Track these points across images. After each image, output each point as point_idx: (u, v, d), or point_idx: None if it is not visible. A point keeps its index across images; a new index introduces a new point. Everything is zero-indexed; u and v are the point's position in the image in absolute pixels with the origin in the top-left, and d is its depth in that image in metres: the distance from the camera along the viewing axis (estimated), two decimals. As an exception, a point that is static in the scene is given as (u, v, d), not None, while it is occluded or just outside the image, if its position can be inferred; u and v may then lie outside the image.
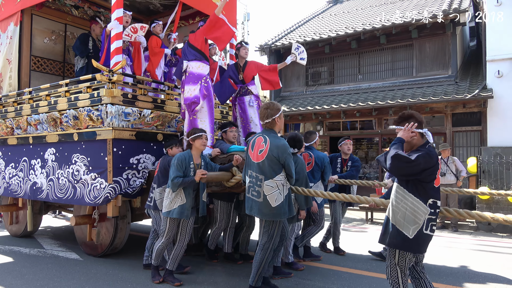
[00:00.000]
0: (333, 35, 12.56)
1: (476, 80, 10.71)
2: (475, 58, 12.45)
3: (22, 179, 5.89)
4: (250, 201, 3.77)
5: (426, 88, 11.14)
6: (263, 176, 3.67)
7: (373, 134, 12.14)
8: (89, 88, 5.06)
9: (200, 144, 4.25)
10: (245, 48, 5.67)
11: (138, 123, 5.04)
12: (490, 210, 8.45)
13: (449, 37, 11.19)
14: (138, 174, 5.07)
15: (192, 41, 5.05)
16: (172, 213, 4.14)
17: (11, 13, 6.24)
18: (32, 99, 5.78)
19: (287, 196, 3.72)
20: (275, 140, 3.70)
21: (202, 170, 4.13)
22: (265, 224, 3.81)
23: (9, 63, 6.21)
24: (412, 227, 2.73)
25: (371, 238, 7.12)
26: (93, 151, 5.03)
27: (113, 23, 5.02)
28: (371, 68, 12.72)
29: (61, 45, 7.13)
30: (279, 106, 3.84)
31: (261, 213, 3.69)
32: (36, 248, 5.93)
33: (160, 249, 4.31)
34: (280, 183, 3.67)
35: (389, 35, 12.00)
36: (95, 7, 7.17)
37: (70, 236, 6.87)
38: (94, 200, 4.90)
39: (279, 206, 3.65)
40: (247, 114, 5.66)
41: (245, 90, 5.70)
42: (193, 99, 4.84)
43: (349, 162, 5.50)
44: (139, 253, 5.52)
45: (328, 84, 13.55)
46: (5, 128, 6.13)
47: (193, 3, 5.90)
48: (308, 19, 16.75)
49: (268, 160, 3.65)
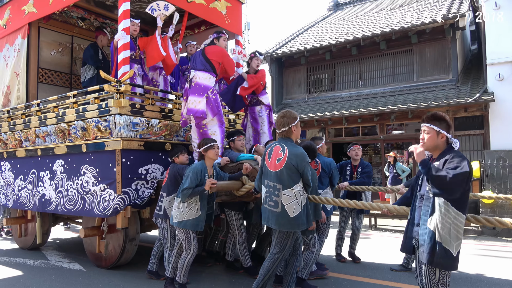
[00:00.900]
0: (333, 42, 12.46)
1: (478, 83, 10.55)
2: (476, 62, 12.30)
3: (31, 192, 5.73)
4: (267, 211, 3.60)
5: (427, 93, 10.99)
6: (281, 185, 3.51)
7: (375, 140, 11.97)
8: (97, 99, 4.92)
9: (213, 154, 4.09)
10: (258, 58, 5.52)
11: (146, 133, 4.89)
12: (494, 214, 8.26)
13: (449, 41, 11.06)
14: (146, 184, 4.91)
15: (208, 53, 4.88)
16: (186, 225, 3.96)
17: (19, 26, 6.13)
18: (40, 111, 5.64)
19: (305, 206, 3.56)
20: (293, 149, 3.56)
21: (212, 180, 3.98)
22: (278, 234, 3.63)
23: (17, 75, 6.08)
24: (455, 243, 2.50)
25: (376, 244, 6.90)
26: (101, 162, 4.87)
27: (120, 33, 4.90)
28: (372, 74, 12.59)
29: (68, 57, 7.00)
30: (296, 115, 3.70)
31: (278, 224, 3.52)
32: (41, 259, 5.82)
33: (187, 263, 4.04)
34: (298, 192, 3.51)
35: (389, 41, 11.90)
36: (101, 19, 7.06)
37: (74, 247, 6.77)
38: (103, 211, 4.74)
39: (297, 216, 3.49)
40: (258, 124, 5.55)
41: (256, 101, 5.58)
42: (198, 113, 4.67)
43: (359, 168, 5.32)
44: (142, 263, 5.37)
45: (330, 90, 13.42)
46: (14, 140, 5.99)
47: (199, 13, 5.77)
48: (309, 27, 16.68)
49: (286, 169, 3.50)
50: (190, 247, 4.02)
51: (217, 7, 5.99)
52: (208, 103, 4.75)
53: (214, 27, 6.57)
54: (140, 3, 6.43)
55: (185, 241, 4.04)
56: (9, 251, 6.51)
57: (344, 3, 18.74)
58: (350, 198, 5.18)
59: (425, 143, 2.75)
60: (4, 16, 6.51)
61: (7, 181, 6.27)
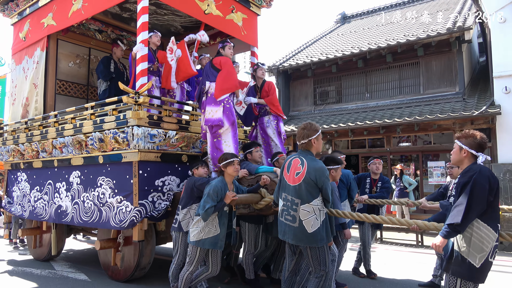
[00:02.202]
0: (340, 55, 12.25)
1: (484, 96, 10.27)
2: (484, 74, 11.97)
3: (47, 203, 5.52)
4: (283, 225, 3.36)
5: (433, 105, 10.70)
6: (300, 200, 3.27)
7: (382, 152, 11.65)
8: (114, 110, 4.74)
9: (232, 170, 3.83)
10: (261, 68, 5.36)
11: (163, 144, 4.68)
12: (503, 228, 7.93)
13: (455, 54, 10.80)
14: (163, 196, 4.68)
15: (216, 64, 4.72)
16: (204, 244, 3.71)
17: (38, 39, 6.01)
18: (58, 122, 5.46)
19: (324, 221, 3.30)
20: (312, 163, 3.31)
21: (233, 193, 3.75)
22: (311, 251, 3.32)
23: (36, 87, 5.93)
24: (479, 255, 2.40)
25: (381, 258, 6.55)
26: (118, 173, 4.67)
27: (138, 45, 4.73)
28: (378, 87, 12.33)
29: (85, 69, 6.86)
30: (317, 127, 3.45)
31: (296, 239, 3.27)
32: (47, 269, 5.69)
33: (187, 277, 3.84)
34: (317, 207, 3.26)
35: (395, 54, 11.67)
36: (118, 31, 6.92)
37: (80, 257, 6.62)
38: (119, 223, 4.51)
39: (316, 232, 3.23)
40: (267, 134, 5.30)
41: (264, 111, 5.35)
42: (216, 121, 4.47)
43: (379, 183, 5.03)
44: (156, 276, 5.13)
45: (336, 103, 13.17)
46: (31, 151, 5.80)
47: (216, 24, 5.62)
48: (316, 40, 16.48)
49: (305, 183, 3.26)
50: (191, 266, 3.81)
51: (233, 18, 5.83)
52: (224, 111, 4.55)
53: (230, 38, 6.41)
54: (157, 15, 6.29)
55: (191, 258, 3.81)
56: (17, 261, 6.35)
57: (352, 16, 18.50)
58: (369, 212, 4.92)
59: (451, 157, 2.79)
60: (24, 29, 6.39)
61: (23, 191, 6.07)
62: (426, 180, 10.52)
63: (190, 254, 3.82)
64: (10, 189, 6.44)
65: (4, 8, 6.70)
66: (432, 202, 4.34)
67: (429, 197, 4.47)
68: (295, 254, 3.63)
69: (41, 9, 6.05)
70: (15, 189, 6.28)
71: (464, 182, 2.48)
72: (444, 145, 10.37)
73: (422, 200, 4.41)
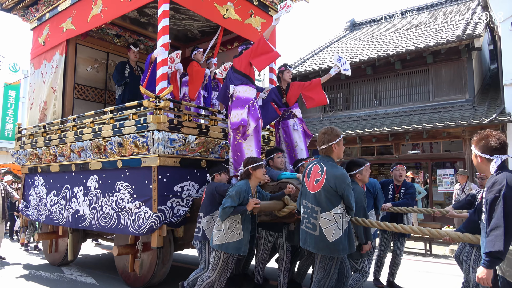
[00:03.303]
0: (348, 62, 12.02)
1: (495, 104, 9.97)
2: (495, 81, 11.66)
3: (64, 207, 5.33)
4: (304, 233, 3.15)
5: (443, 113, 10.39)
6: (319, 208, 3.04)
7: (390, 160, 11.29)
8: (134, 114, 4.56)
9: (261, 174, 3.61)
10: (289, 71, 5.10)
11: (182, 149, 4.49)
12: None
13: (465, 61, 10.52)
14: (182, 202, 4.48)
15: (236, 66, 4.54)
16: (227, 248, 3.48)
17: (57, 43, 5.87)
18: (76, 126, 5.29)
19: (346, 230, 3.05)
20: (332, 169, 3.08)
21: (255, 199, 3.52)
22: (321, 259, 3.12)
23: (54, 91, 5.78)
24: None
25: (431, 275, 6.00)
26: (137, 178, 4.48)
27: (159, 49, 4.55)
28: (387, 94, 12.08)
29: (103, 73, 6.70)
30: (339, 132, 3.23)
31: (316, 248, 3.04)
32: (56, 272, 5.61)
33: (207, 284, 3.60)
34: (338, 216, 3.02)
35: (404, 61, 11.40)
36: (135, 36, 6.78)
37: (89, 261, 6.50)
38: (138, 229, 4.30)
39: (337, 242, 2.99)
40: (292, 138, 5.01)
41: (289, 113, 5.08)
42: (240, 122, 4.28)
43: (402, 189, 4.77)
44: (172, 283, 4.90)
45: (345, 110, 12.93)
46: (49, 155, 5.62)
47: (235, 28, 5.44)
48: (325, 46, 16.25)
49: (324, 191, 3.03)
50: (214, 273, 3.56)
51: (252, 23, 5.66)
52: (249, 112, 4.34)
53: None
54: (174, 20, 6.13)
55: (214, 264, 3.57)
56: (32, 266, 6.21)
57: (361, 23, 18.24)
58: (392, 220, 4.67)
59: None
60: (43, 33, 6.26)
61: (39, 195, 5.89)
62: (435, 188, 10.22)
63: (214, 260, 3.58)
64: (26, 193, 6.27)
65: (24, 13, 6.59)
66: (460, 210, 4.09)
67: (455, 205, 4.22)
68: None
69: (61, 13, 5.92)
70: (32, 193, 6.10)
71: (493, 199, 2.18)
72: (453, 153, 10.08)
73: (448, 208, 4.16)
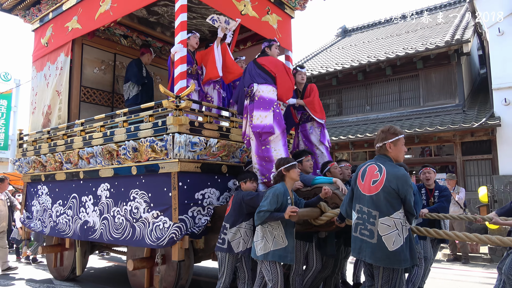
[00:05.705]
0: (339, 68, 11.83)
1: (484, 108, 9.83)
2: (485, 86, 11.60)
3: (71, 218, 4.83)
4: (359, 241, 2.73)
5: (433, 118, 10.24)
6: (378, 212, 2.64)
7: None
8: (151, 116, 4.11)
9: (295, 174, 3.26)
10: (301, 73, 4.74)
11: (203, 153, 4.04)
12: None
13: (455, 66, 10.41)
14: (203, 211, 4.02)
15: (264, 63, 4.12)
16: (274, 255, 3.11)
17: (61, 44, 5.39)
18: (85, 131, 4.80)
19: (407, 238, 2.65)
20: (393, 169, 2.70)
21: (293, 207, 3.10)
22: (383, 273, 2.72)
23: (59, 94, 5.29)
24: None
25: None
26: (154, 186, 4.02)
27: (177, 46, 4.12)
28: (378, 99, 11.87)
29: (110, 75, 6.21)
30: (397, 131, 2.81)
31: (374, 257, 2.63)
32: (46, 283, 5.36)
33: None
34: (399, 221, 2.62)
35: (394, 67, 11.25)
36: (143, 36, 6.32)
37: (97, 274, 6.10)
38: (156, 241, 3.83)
39: (398, 251, 2.59)
40: (311, 142, 4.67)
41: (306, 116, 4.71)
42: (267, 128, 3.83)
43: (435, 192, 4.39)
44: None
45: (337, 115, 12.71)
46: (54, 162, 5.11)
47: (252, 26, 5.06)
48: (317, 53, 16.05)
49: (384, 193, 2.64)
50: (277, 285, 3.12)
51: (269, 20, 5.27)
52: (274, 117, 3.93)
53: (260, 43, 5.84)
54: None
55: (271, 277, 3.14)
56: (36, 280, 5.68)
57: (352, 30, 18.12)
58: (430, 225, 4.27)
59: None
60: (46, 34, 5.78)
61: (43, 206, 5.37)
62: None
63: (270, 274, 3.14)
64: (29, 203, 5.74)
65: (26, 14, 6.10)
66: (506, 218, 3.72)
67: (499, 211, 3.85)
68: (373, 277, 2.97)
69: (65, 12, 5.46)
70: (35, 203, 5.58)
71: None
72: (445, 157, 9.88)
73: (492, 215, 3.77)
